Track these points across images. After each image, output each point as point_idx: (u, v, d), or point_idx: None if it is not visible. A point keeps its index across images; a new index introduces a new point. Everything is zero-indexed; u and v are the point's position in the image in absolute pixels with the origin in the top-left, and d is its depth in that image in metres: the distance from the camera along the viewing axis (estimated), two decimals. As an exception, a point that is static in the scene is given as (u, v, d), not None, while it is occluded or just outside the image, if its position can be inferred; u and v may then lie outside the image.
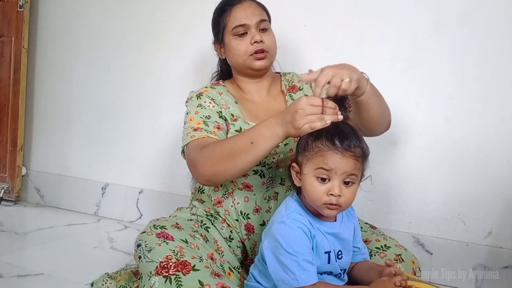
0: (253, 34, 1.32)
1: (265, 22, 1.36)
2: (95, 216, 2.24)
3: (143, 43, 2.15)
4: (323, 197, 0.95)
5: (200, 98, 1.33)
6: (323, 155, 0.95)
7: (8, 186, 2.34)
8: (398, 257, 1.17)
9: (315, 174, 0.96)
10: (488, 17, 1.56)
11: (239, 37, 1.34)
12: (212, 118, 1.27)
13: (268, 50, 1.34)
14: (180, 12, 2.06)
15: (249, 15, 1.33)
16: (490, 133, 1.56)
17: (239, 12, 1.34)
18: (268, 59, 1.36)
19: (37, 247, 1.76)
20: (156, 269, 1.02)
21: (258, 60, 1.34)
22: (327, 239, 1.01)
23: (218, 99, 1.35)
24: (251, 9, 1.35)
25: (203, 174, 1.15)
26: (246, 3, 1.36)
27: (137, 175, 2.17)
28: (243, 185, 1.30)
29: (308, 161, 0.98)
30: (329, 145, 0.94)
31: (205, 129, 1.23)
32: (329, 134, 0.96)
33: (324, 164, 0.94)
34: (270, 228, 1.02)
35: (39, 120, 2.44)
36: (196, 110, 1.30)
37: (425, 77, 1.64)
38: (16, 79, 2.32)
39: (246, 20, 1.33)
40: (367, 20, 1.72)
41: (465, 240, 1.59)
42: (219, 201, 1.32)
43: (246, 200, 1.30)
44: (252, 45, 1.32)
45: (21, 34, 2.29)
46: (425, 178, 1.64)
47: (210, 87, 1.40)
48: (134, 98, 2.19)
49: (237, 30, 1.33)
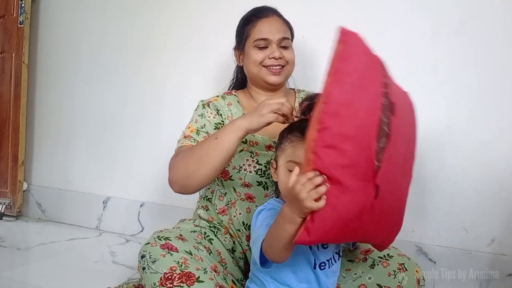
0: (273, 50, 1.35)
1: (287, 40, 1.39)
2: (96, 230, 2.23)
3: (142, 56, 2.17)
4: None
5: (205, 108, 1.37)
6: (294, 146, 0.99)
7: (9, 201, 2.34)
8: (402, 266, 1.17)
9: (286, 167, 1.00)
10: (485, 25, 1.57)
11: (259, 49, 1.37)
12: (206, 127, 1.31)
13: (285, 64, 1.37)
14: (179, 24, 2.08)
15: (273, 31, 1.36)
16: (490, 140, 1.57)
17: (264, 26, 1.37)
18: (284, 75, 1.38)
19: (39, 262, 1.75)
20: (160, 280, 1.02)
21: (273, 75, 1.37)
22: None
23: (225, 110, 1.37)
24: (276, 25, 1.37)
25: (175, 178, 1.20)
26: (272, 18, 1.39)
27: (138, 188, 2.17)
28: (245, 196, 1.30)
29: (282, 153, 1.02)
30: (300, 137, 0.98)
31: (194, 138, 1.28)
32: (302, 127, 0.99)
33: (295, 157, 0.98)
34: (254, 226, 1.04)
35: (40, 135, 2.44)
36: (196, 119, 1.34)
37: (423, 85, 1.65)
38: (17, 95, 2.33)
39: (269, 35, 1.35)
40: (365, 30, 1.70)
41: (468, 248, 1.59)
42: (224, 210, 1.33)
43: (248, 211, 1.30)
44: (270, 60, 1.35)
45: (21, 50, 2.31)
46: (426, 186, 1.64)
47: (220, 96, 1.42)
48: (135, 111, 2.20)
49: (258, 42, 1.36)
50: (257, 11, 1.41)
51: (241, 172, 1.29)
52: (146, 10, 2.15)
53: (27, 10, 2.30)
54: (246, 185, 1.30)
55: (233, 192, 1.32)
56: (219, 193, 1.36)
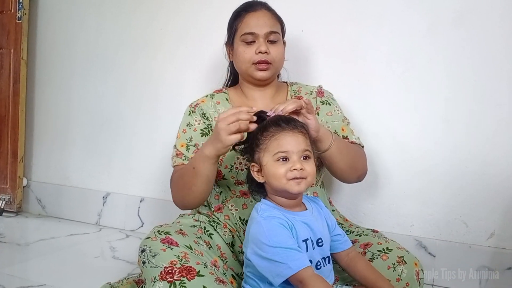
0: (259, 44, 1.34)
1: (276, 35, 1.37)
2: (96, 226, 2.23)
3: (139, 52, 2.16)
4: (287, 173, 0.99)
5: (191, 115, 1.41)
6: (277, 138, 1.01)
7: (9, 197, 2.34)
8: (401, 259, 1.17)
9: (274, 159, 1.01)
10: (482, 18, 1.57)
11: (247, 44, 1.36)
12: (194, 139, 1.36)
13: (272, 62, 1.36)
14: (175, 21, 2.07)
15: (261, 24, 1.35)
16: (489, 133, 1.56)
17: (251, 19, 1.36)
18: (271, 70, 1.37)
19: (39, 258, 1.75)
20: (161, 274, 1.02)
21: (260, 71, 1.36)
22: (304, 228, 1.03)
23: (211, 111, 1.40)
24: (264, 19, 1.36)
25: (176, 202, 1.32)
26: (261, 12, 1.37)
27: (138, 183, 2.17)
28: (240, 193, 1.33)
29: (265, 151, 1.02)
30: (278, 128, 1.01)
31: (184, 154, 1.34)
32: (273, 121, 1.04)
33: (280, 147, 1.00)
34: (248, 234, 1.04)
35: (39, 130, 2.44)
36: (184, 129, 1.40)
37: (421, 80, 1.65)
38: (16, 91, 2.33)
39: (256, 29, 1.34)
40: (362, 25, 1.73)
41: (468, 241, 1.59)
42: (219, 208, 1.35)
43: (244, 207, 1.32)
44: (257, 55, 1.34)
45: (20, 46, 2.30)
46: (426, 180, 1.65)
47: (209, 96, 1.45)
48: (132, 107, 2.19)
49: (245, 37, 1.35)
50: (247, 5, 1.40)
51: (233, 170, 1.31)
52: (142, 6, 2.14)
53: (25, 5, 2.30)
54: (239, 183, 1.32)
55: (228, 191, 1.35)
56: (214, 192, 1.38)
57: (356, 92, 1.73)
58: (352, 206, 1.74)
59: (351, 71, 1.74)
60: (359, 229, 1.36)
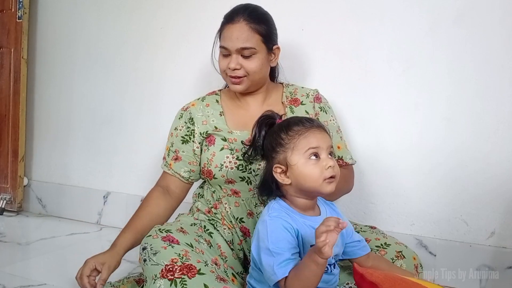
0: (231, 59, 1.32)
1: (249, 50, 1.30)
2: (97, 225, 2.23)
3: (140, 51, 2.16)
4: (323, 172, 0.99)
5: (179, 120, 1.44)
6: (306, 136, 1.02)
7: (10, 196, 2.34)
8: (399, 253, 1.18)
9: (306, 157, 1.01)
10: (483, 16, 1.57)
11: (223, 56, 1.35)
12: (174, 145, 1.42)
13: (245, 75, 1.34)
14: (177, 19, 2.07)
15: (233, 40, 1.30)
16: (490, 132, 1.56)
17: (227, 32, 1.33)
18: (245, 83, 1.35)
19: (39, 257, 1.75)
20: (161, 272, 1.02)
21: (234, 84, 1.36)
22: (312, 233, 1.01)
23: (199, 115, 1.41)
24: (238, 33, 1.30)
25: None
26: (237, 25, 1.31)
27: (139, 183, 2.17)
28: (231, 191, 1.34)
29: (293, 150, 1.02)
30: (305, 125, 1.03)
31: (167, 160, 1.44)
32: (295, 121, 1.05)
33: (310, 144, 1.01)
34: (256, 229, 1.05)
35: (40, 129, 2.44)
36: (172, 132, 1.46)
37: (422, 78, 1.65)
38: (16, 90, 2.32)
39: (228, 44, 1.32)
40: (363, 23, 1.73)
41: (469, 241, 1.59)
42: (216, 205, 1.36)
43: (236, 205, 1.33)
44: (229, 69, 1.33)
45: (20, 45, 2.30)
46: (426, 179, 1.65)
47: (200, 99, 1.47)
48: (133, 106, 2.19)
49: (221, 49, 1.35)
50: (231, 13, 1.35)
51: (223, 169, 1.31)
52: (143, 4, 2.14)
53: (25, 4, 2.29)
54: (230, 182, 1.32)
55: (220, 190, 1.35)
56: (209, 191, 1.39)
57: (357, 91, 1.73)
58: (352, 205, 1.74)
59: (352, 69, 1.74)
60: (357, 225, 1.37)
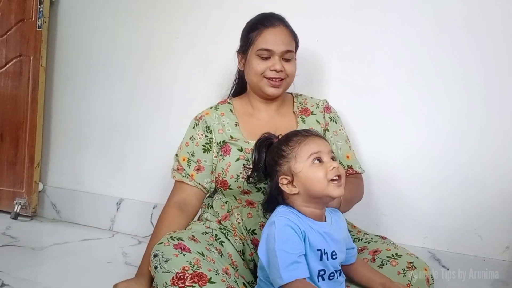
0: (275, 62, 1.35)
1: (290, 53, 1.38)
2: (109, 231, 2.25)
3: (152, 60, 2.19)
4: (328, 175, 1.01)
5: (195, 129, 1.42)
6: (306, 143, 1.05)
7: (25, 201, 2.37)
8: (410, 264, 1.16)
9: (310, 162, 1.03)
10: (489, 22, 1.56)
11: (262, 59, 1.37)
12: (196, 155, 1.39)
13: (285, 78, 1.37)
14: (186, 28, 2.09)
15: (278, 42, 1.35)
16: (502, 140, 1.55)
17: (269, 36, 1.36)
18: (283, 87, 1.39)
19: (52, 262, 1.77)
20: (172, 280, 1.03)
21: (272, 87, 1.37)
22: (319, 238, 1.03)
23: (215, 124, 1.41)
24: (281, 37, 1.36)
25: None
26: (279, 28, 1.37)
27: (151, 190, 2.18)
28: (246, 202, 1.33)
29: (295, 159, 1.04)
30: (303, 135, 1.07)
31: (185, 171, 1.39)
32: (292, 134, 1.10)
33: (312, 149, 1.04)
34: (264, 233, 1.05)
35: (56, 136, 2.47)
36: (187, 142, 1.42)
37: (427, 84, 1.65)
38: (34, 97, 2.36)
39: (273, 47, 1.35)
40: (368, 29, 1.74)
41: (482, 255, 1.57)
42: (226, 217, 1.35)
43: (249, 216, 1.32)
44: (271, 71, 1.35)
45: (39, 53, 2.34)
46: (440, 191, 1.63)
47: (214, 107, 1.47)
48: (144, 113, 2.22)
49: (261, 52, 1.36)
50: (264, 19, 1.40)
51: (239, 180, 1.32)
52: (157, 15, 2.17)
53: (45, 14, 2.34)
54: (245, 192, 1.32)
55: (233, 200, 1.35)
56: (220, 202, 1.38)
57: (366, 99, 1.74)
58: (364, 216, 1.73)
59: (359, 76, 1.75)
60: (367, 236, 1.35)
